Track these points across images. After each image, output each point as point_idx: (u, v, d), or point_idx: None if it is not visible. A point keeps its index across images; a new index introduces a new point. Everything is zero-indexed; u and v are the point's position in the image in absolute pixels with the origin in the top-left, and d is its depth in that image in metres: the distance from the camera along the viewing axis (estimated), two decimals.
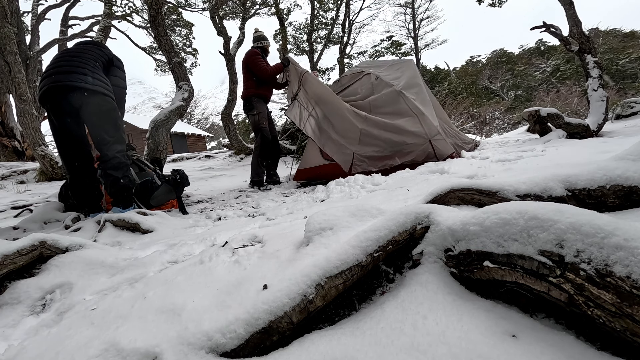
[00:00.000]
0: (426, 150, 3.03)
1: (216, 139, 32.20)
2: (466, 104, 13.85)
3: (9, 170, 5.51)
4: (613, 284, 0.50)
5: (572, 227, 0.57)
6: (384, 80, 3.43)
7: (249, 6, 10.17)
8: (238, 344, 0.67)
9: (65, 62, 2.24)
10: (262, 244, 1.19)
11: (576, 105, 9.83)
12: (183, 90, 4.11)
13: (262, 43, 3.90)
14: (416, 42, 22.75)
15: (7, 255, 1.14)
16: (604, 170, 1.00)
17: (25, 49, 8.10)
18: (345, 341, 0.66)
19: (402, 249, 0.91)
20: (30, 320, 1.01)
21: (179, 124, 21.09)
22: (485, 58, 29.50)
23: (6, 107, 7.05)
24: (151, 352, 0.69)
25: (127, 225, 1.93)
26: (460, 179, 1.72)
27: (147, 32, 11.16)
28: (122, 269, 1.26)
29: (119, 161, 2.33)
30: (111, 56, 2.50)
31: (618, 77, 17.55)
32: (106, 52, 2.48)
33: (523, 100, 20.70)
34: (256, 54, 3.74)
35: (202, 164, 7.38)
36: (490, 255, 0.68)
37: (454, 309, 0.68)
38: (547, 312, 0.64)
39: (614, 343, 0.54)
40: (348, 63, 17.05)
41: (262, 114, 3.77)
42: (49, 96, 2.16)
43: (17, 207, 3.26)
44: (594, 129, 3.76)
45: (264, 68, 3.64)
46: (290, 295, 0.72)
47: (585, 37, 4.34)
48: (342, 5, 14.20)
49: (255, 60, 3.67)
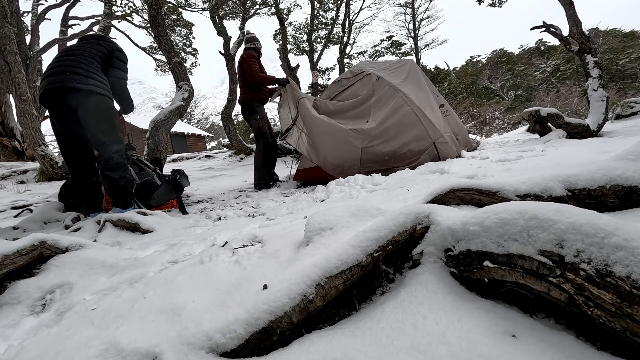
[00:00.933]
0: (431, 153, 3.01)
1: (216, 139, 32.22)
2: (466, 104, 13.86)
3: (9, 170, 5.51)
4: (613, 284, 0.50)
5: (572, 227, 0.57)
6: (385, 81, 3.37)
7: (249, 6, 10.17)
8: (238, 344, 0.67)
9: (61, 63, 2.22)
10: (262, 244, 1.19)
11: (576, 105, 9.84)
12: (183, 90, 4.11)
13: (255, 44, 3.91)
14: (416, 42, 22.74)
15: (7, 255, 1.14)
16: (604, 170, 1.00)
17: (25, 49, 8.10)
18: (345, 341, 0.66)
19: (402, 249, 0.91)
20: (30, 320, 1.00)
21: (179, 124, 21.09)
22: (485, 58, 29.51)
23: (6, 107, 7.05)
24: (151, 352, 0.69)
25: (127, 225, 1.93)
26: (460, 179, 1.71)
27: (147, 32, 11.16)
28: (122, 269, 1.26)
29: (115, 162, 2.30)
30: (110, 48, 2.43)
31: (618, 77, 17.54)
32: (104, 46, 2.42)
33: (523, 100, 20.71)
34: (252, 57, 3.74)
35: (202, 164, 7.38)
36: (490, 255, 0.68)
37: (454, 309, 0.68)
38: (547, 312, 0.64)
39: (614, 343, 0.54)
40: (348, 63, 17.04)
41: (264, 119, 3.81)
42: (48, 97, 2.16)
43: (17, 207, 3.26)
44: (594, 129, 3.76)
45: (255, 72, 3.64)
46: (290, 295, 0.72)
47: (585, 37, 4.34)
48: (342, 5, 14.19)
49: (250, 63, 3.67)
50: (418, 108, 3.16)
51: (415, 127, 3.09)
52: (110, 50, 2.43)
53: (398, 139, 3.06)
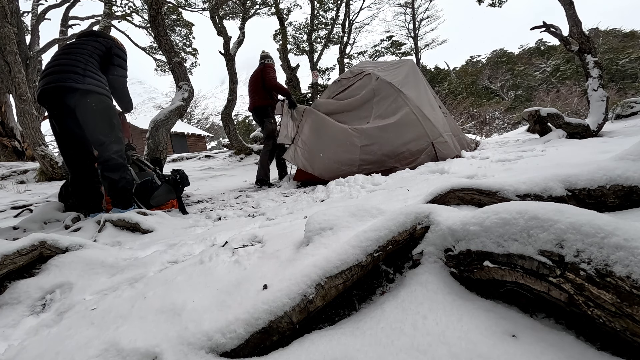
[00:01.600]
0: (430, 153, 3.02)
1: (216, 139, 32.20)
2: (466, 104, 13.86)
3: (9, 170, 5.51)
4: (613, 284, 0.50)
5: (572, 227, 0.57)
6: (385, 81, 3.39)
7: (249, 6, 10.17)
8: (238, 344, 0.67)
9: (59, 62, 2.20)
10: (262, 244, 1.19)
11: (576, 105, 9.83)
12: (183, 90, 4.11)
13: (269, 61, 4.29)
14: (416, 42, 22.73)
15: (7, 255, 1.14)
16: (604, 170, 1.00)
17: (25, 49, 8.10)
18: (345, 341, 0.66)
19: (402, 249, 0.91)
20: (30, 320, 1.00)
21: (179, 124, 21.08)
22: (485, 58, 29.49)
23: (6, 107, 7.05)
24: (151, 352, 0.69)
25: (127, 225, 1.93)
26: (460, 179, 1.72)
27: (147, 32, 11.15)
28: (122, 269, 1.26)
29: (115, 162, 2.27)
30: (108, 45, 2.38)
31: (618, 77, 17.53)
32: (102, 42, 2.37)
33: (523, 100, 20.69)
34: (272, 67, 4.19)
35: (202, 164, 7.38)
36: (490, 255, 0.68)
37: (454, 309, 0.68)
38: (547, 312, 0.64)
39: (614, 343, 0.54)
40: (348, 63, 17.04)
41: (275, 122, 4.24)
42: (46, 97, 2.14)
43: (17, 207, 3.26)
44: (594, 129, 3.77)
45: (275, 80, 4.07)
46: (290, 295, 0.72)
47: (585, 37, 4.34)
48: (342, 5, 14.19)
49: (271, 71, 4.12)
50: (417, 108, 3.16)
51: (414, 127, 3.09)
52: (109, 47, 2.38)
53: (397, 139, 3.07)
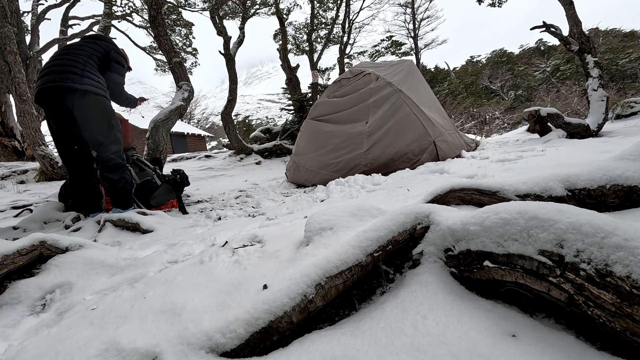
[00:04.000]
0: (432, 152, 3.02)
1: (216, 139, 32.20)
2: (466, 104, 13.86)
3: (9, 170, 5.50)
4: (613, 283, 0.50)
5: (572, 227, 0.57)
6: (384, 80, 3.39)
7: (249, 6, 10.17)
8: (238, 343, 0.67)
9: (57, 62, 2.19)
10: (262, 243, 1.19)
11: (576, 105, 9.83)
12: (183, 90, 4.11)
13: None
14: (416, 42, 22.72)
15: (7, 255, 1.14)
16: (604, 170, 1.00)
17: (25, 49, 8.09)
18: (345, 341, 0.66)
19: (402, 249, 0.90)
20: (30, 320, 1.00)
21: (179, 124, 21.07)
22: (485, 58, 29.47)
23: (6, 107, 7.04)
24: (151, 352, 0.69)
25: (127, 225, 1.93)
26: (460, 179, 1.72)
27: (147, 32, 11.13)
28: (122, 269, 1.26)
29: (114, 163, 2.27)
30: (108, 49, 2.38)
31: (618, 77, 17.53)
32: (102, 45, 2.37)
33: (523, 100, 20.67)
34: None
35: (202, 164, 7.37)
36: (490, 255, 0.68)
37: (454, 309, 0.68)
38: (547, 312, 0.64)
39: (614, 343, 0.54)
40: (348, 63, 17.02)
41: None
42: (43, 97, 2.13)
43: (17, 207, 3.26)
44: (594, 129, 3.76)
45: None
46: (290, 295, 0.72)
47: (585, 37, 4.33)
48: (342, 5, 14.18)
49: None
50: (417, 107, 3.16)
51: (415, 127, 3.09)
52: (108, 51, 2.37)
53: (399, 141, 3.07)
